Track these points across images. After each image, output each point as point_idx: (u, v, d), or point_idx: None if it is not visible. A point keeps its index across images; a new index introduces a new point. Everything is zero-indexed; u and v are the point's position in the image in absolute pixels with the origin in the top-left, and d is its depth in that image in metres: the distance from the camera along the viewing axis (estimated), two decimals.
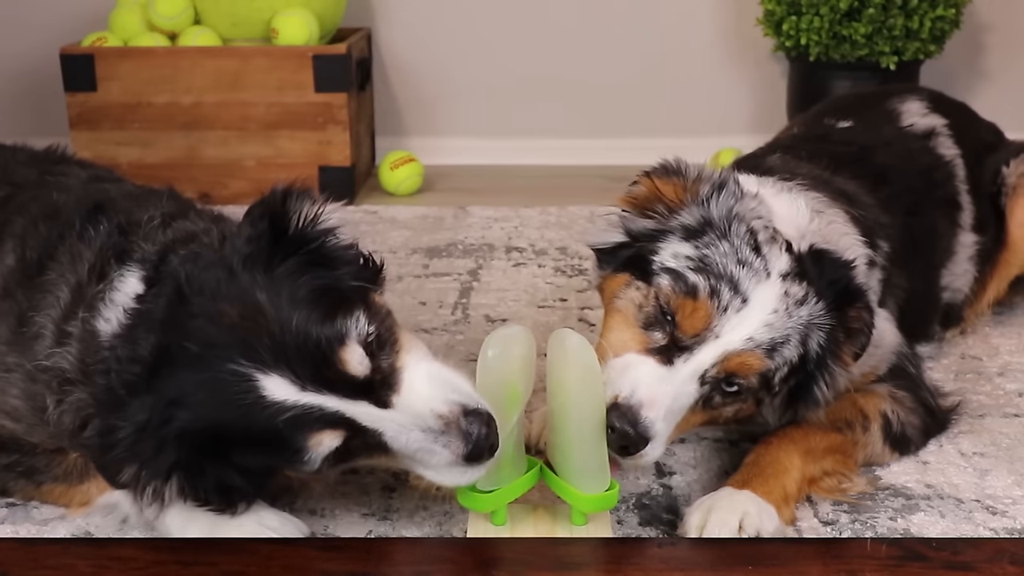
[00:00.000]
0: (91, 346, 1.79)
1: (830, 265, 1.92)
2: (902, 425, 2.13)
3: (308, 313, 1.67)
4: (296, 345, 1.64)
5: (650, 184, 2.02)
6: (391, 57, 4.62)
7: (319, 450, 1.66)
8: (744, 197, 1.95)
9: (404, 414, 1.69)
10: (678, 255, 1.91)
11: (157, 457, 1.67)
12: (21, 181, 2.29)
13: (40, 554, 1.80)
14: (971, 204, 2.61)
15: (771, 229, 1.91)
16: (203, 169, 4.03)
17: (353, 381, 1.67)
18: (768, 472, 1.95)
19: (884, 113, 2.68)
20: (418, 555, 1.80)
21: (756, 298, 1.85)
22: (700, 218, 1.93)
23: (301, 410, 1.64)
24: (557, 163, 4.59)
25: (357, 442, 1.69)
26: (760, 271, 1.86)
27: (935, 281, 2.55)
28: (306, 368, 1.64)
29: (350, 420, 1.66)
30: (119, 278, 1.83)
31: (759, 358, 1.85)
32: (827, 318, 1.89)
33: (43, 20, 4.50)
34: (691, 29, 4.55)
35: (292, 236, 1.76)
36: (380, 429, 1.68)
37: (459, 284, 3.17)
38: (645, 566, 1.75)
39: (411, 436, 1.68)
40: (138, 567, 1.75)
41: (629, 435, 1.79)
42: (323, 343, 1.65)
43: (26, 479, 1.98)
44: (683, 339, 1.85)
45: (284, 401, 1.63)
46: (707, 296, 1.84)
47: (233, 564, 1.74)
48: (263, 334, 1.64)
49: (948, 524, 1.96)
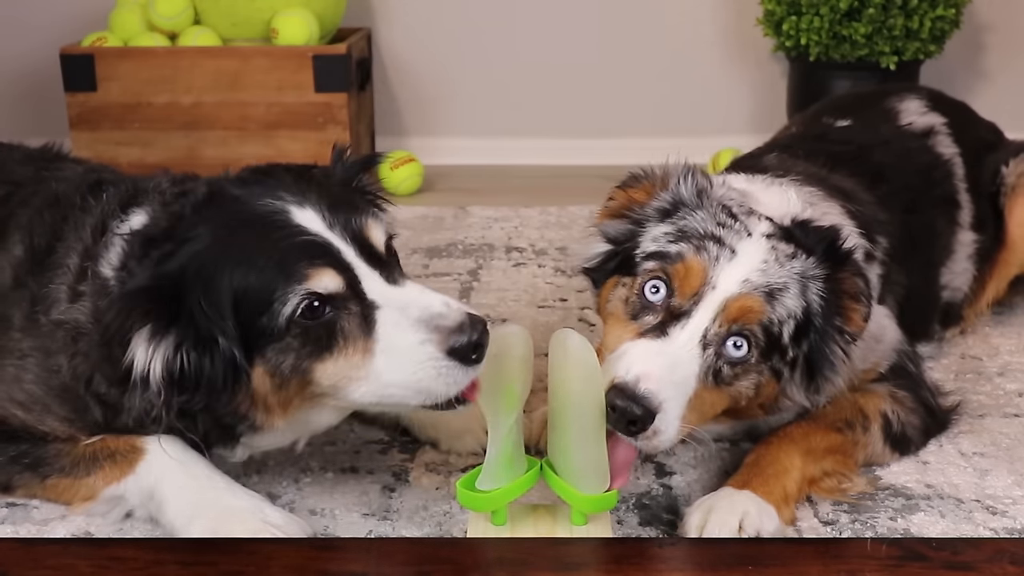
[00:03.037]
0: (101, 293, 1.82)
1: (815, 230, 1.94)
2: (902, 425, 2.13)
3: (348, 194, 1.89)
4: (333, 199, 1.81)
5: (623, 195, 2.06)
6: (391, 57, 4.62)
7: (315, 284, 1.70)
8: (714, 185, 1.99)
9: (407, 294, 1.76)
10: (657, 237, 1.94)
11: (158, 296, 1.70)
12: (20, 179, 2.30)
13: (40, 554, 1.79)
14: (970, 203, 2.61)
15: (747, 207, 1.94)
16: (203, 169, 3.95)
17: (373, 250, 1.79)
18: (768, 472, 1.94)
19: (882, 112, 2.68)
20: (418, 555, 1.80)
21: (744, 250, 1.87)
22: (671, 199, 1.98)
23: (320, 240, 1.74)
24: (557, 163, 4.59)
25: (346, 313, 1.72)
26: (741, 231, 1.89)
27: (934, 279, 2.55)
28: (337, 216, 1.78)
29: (355, 279, 1.74)
30: (120, 224, 1.89)
31: (758, 300, 1.84)
32: (820, 269, 1.90)
33: (43, 20, 4.50)
34: (691, 29, 4.55)
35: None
36: (378, 301, 1.73)
37: (459, 284, 3.17)
38: (645, 566, 1.75)
39: (407, 312, 1.72)
40: (138, 567, 1.75)
41: (630, 410, 1.75)
42: (357, 206, 1.83)
43: (31, 472, 1.98)
44: (682, 305, 1.84)
45: (308, 227, 1.75)
46: (695, 254, 1.86)
47: (233, 564, 1.74)
48: (308, 188, 1.81)
49: (948, 524, 1.96)
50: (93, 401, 1.90)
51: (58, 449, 1.96)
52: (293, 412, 1.82)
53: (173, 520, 1.87)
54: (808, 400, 1.99)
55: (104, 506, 1.95)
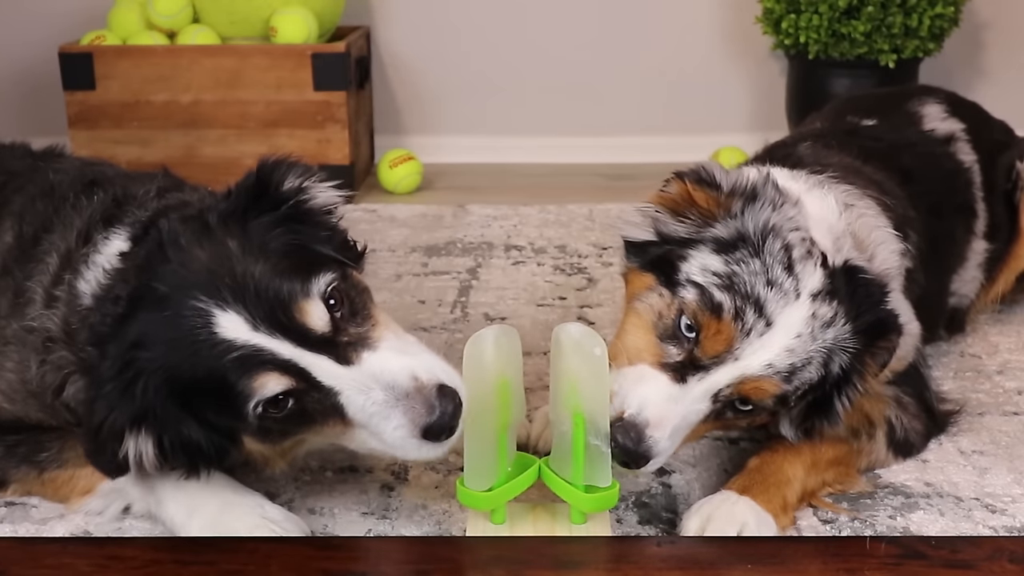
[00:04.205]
0: (74, 307, 1.81)
1: (863, 290, 1.87)
2: (905, 431, 2.13)
3: (275, 263, 1.71)
4: (256, 287, 1.67)
5: (683, 188, 1.94)
6: (390, 55, 4.61)
7: (263, 392, 1.65)
8: (783, 206, 1.88)
9: (365, 373, 1.67)
10: (706, 269, 1.84)
11: (123, 402, 1.68)
12: (17, 169, 2.31)
13: (39, 553, 1.79)
14: (985, 211, 2.61)
15: (808, 241, 1.85)
16: (202, 167, 4.02)
17: (312, 335, 1.67)
18: (770, 481, 1.94)
19: (906, 115, 2.68)
20: (417, 554, 1.80)
21: (781, 322, 1.80)
22: (735, 232, 1.86)
23: (250, 350, 1.65)
24: (556, 161, 4.59)
25: (311, 400, 1.68)
26: (790, 292, 1.81)
27: (946, 285, 2.55)
28: (261, 310, 1.65)
29: (304, 371, 1.66)
30: (103, 240, 1.87)
31: (775, 384, 1.81)
32: (853, 341, 1.85)
33: (41, 19, 4.50)
34: (690, 27, 4.55)
35: (272, 196, 1.79)
36: (336, 387, 1.67)
37: (458, 282, 3.16)
38: (644, 565, 1.75)
39: (370, 396, 1.67)
40: (137, 566, 1.75)
41: (631, 452, 1.79)
42: (283, 290, 1.68)
43: (28, 464, 1.97)
44: (702, 359, 1.81)
45: (235, 339, 1.64)
46: (731, 318, 1.79)
47: (232, 563, 1.74)
48: (226, 275, 1.67)
49: (947, 522, 1.96)
50: (64, 410, 1.88)
51: (54, 441, 1.96)
52: (293, 455, 1.90)
53: (172, 515, 1.87)
54: (795, 437, 1.99)
55: (103, 501, 1.95)
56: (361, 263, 1.92)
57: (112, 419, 1.69)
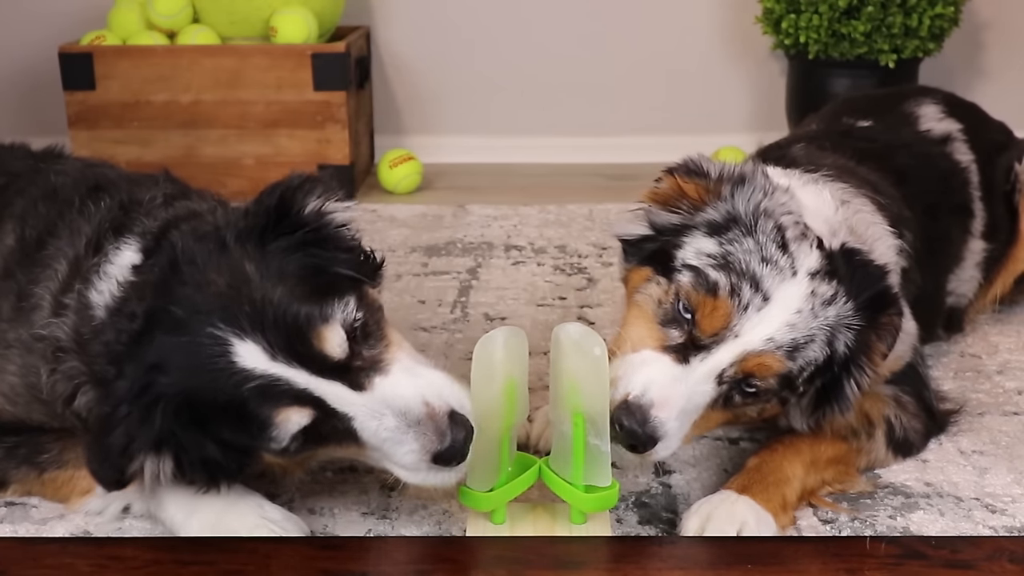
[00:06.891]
0: (85, 317, 1.80)
1: (862, 269, 1.88)
2: (905, 431, 2.13)
3: (293, 288, 1.69)
4: (274, 315, 1.65)
5: (673, 182, 1.98)
6: (390, 55, 4.62)
7: (286, 427, 1.66)
8: (774, 192, 1.91)
9: (377, 400, 1.68)
10: (700, 252, 1.87)
11: (143, 427, 1.67)
12: (18, 170, 2.30)
13: (39, 553, 1.80)
14: (983, 211, 2.61)
15: (801, 224, 1.87)
16: (202, 168, 4.03)
17: (328, 361, 1.67)
18: (770, 480, 1.94)
19: (902, 116, 2.68)
20: (417, 554, 1.80)
21: (778, 297, 1.81)
22: (726, 213, 1.89)
23: (268, 380, 1.64)
24: (556, 161, 4.59)
25: (327, 426, 1.69)
26: (785, 269, 1.82)
27: (943, 285, 2.55)
28: (279, 339, 1.64)
29: (319, 400, 1.66)
30: (115, 251, 1.85)
31: (778, 360, 1.81)
32: (856, 319, 1.85)
33: (41, 19, 4.50)
34: (690, 27, 4.55)
35: (292, 218, 1.77)
36: (350, 413, 1.67)
37: (458, 282, 3.17)
38: (644, 564, 1.75)
39: (383, 422, 1.67)
40: (136, 566, 1.75)
41: (637, 434, 1.78)
42: (301, 318, 1.66)
43: (29, 465, 1.97)
44: (701, 338, 1.82)
45: (253, 369, 1.63)
46: (727, 294, 1.81)
47: (231, 563, 1.74)
48: (244, 301, 1.66)
49: (947, 522, 1.96)
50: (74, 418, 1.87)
51: (54, 443, 1.96)
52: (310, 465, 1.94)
53: (172, 515, 1.87)
54: (806, 427, 1.99)
55: (102, 501, 1.95)
56: (378, 277, 1.90)
57: (132, 445, 1.68)
